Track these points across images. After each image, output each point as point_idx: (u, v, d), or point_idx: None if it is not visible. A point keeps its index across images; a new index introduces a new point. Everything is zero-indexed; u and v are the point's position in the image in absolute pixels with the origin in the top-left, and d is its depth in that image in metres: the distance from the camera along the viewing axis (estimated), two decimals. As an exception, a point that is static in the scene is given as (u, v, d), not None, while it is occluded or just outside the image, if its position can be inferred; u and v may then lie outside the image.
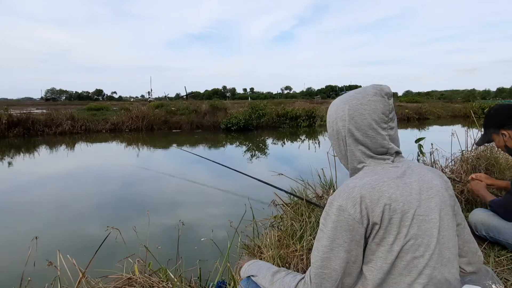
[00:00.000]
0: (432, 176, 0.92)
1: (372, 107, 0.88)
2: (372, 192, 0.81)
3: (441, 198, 0.89)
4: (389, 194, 0.81)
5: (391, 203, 0.80)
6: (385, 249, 0.81)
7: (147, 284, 1.48)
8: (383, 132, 0.89)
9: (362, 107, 0.89)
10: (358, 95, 0.91)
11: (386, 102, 0.90)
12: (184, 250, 1.91)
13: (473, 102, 22.24)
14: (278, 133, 14.15)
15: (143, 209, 4.35)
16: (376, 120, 0.88)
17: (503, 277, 1.51)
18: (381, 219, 0.80)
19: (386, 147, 0.89)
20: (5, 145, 10.64)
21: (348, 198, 0.81)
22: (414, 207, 0.82)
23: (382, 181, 0.83)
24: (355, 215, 0.80)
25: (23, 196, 5.10)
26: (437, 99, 41.23)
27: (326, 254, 0.83)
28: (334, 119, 0.94)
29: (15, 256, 2.94)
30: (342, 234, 0.81)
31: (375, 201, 0.80)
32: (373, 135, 0.88)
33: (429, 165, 3.05)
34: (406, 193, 0.83)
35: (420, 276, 0.81)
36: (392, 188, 0.82)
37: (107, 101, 62.25)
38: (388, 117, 0.90)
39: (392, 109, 0.92)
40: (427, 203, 0.85)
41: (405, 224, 0.80)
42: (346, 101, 0.92)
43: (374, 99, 0.89)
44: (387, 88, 0.91)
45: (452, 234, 0.90)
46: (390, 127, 0.90)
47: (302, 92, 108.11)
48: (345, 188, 0.84)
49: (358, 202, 0.80)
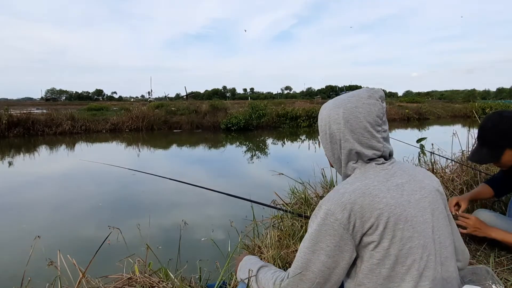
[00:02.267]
0: (424, 176, 0.93)
1: (367, 110, 0.88)
2: (363, 197, 0.80)
3: (434, 198, 0.89)
4: (379, 198, 0.80)
5: (382, 207, 0.80)
6: (381, 254, 0.80)
7: (147, 284, 1.48)
8: (377, 135, 0.89)
9: (357, 110, 0.88)
10: (352, 99, 0.90)
11: (380, 105, 0.90)
12: (185, 250, 1.92)
13: (474, 103, 22.26)
14: (278, 133, 14.16)
15: (143, 209, 4.36)
16: (371, 123, 0.88)
17: (503, 277, 1.51)
18: (374, 224, 0.79)
19: (381, 150, 0.89)
20: (5, 145, 10.65)
21: (337, 203, 0.81)
22: (407, 209, 0.82)
23: (372, 185, 0.83)
24: (342, 220, 0.79)
25: (23, 196, 5.10)
26: (437, 99, 41.30)
27: (307, 256, 0.83)
28: (327, 122, 0.93)
29: (15, 256, 2.95)
30: (325, 238, 0.80)
31: (366, 206, 0.79)
32: (368, 137, 0.88)
33: (430, 165, 3.05)
34: (398, 195, 0.82)
35: (421, 278, 0.80)
36: (383, 191, 0.82)
37: (107, 101, 62.29)
38: (382, 119, 0.90)
39: (385, 111, 0.93)
40: (420, 204, 0.85)
41: (399, 227, 0.79)
42: (340, 105, 0.91)
43: (368, 102, 0.89)
44: (380, 91, 0.92)
45: (447, 232, 0.90)
46: (383, 130, 0.91)
47: (302, 92, 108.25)
48: (335, 193, 0.84)
49: (348, 208, 0.79)
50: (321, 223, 0.82)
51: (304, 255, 0.83)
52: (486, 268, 1.07)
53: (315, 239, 0.82)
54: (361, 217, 0.79)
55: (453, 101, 33.85)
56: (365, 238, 0.81)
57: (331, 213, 0.80)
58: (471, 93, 68.19)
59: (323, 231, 0.81)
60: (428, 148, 3.17)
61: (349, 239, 0.80)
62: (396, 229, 0.79)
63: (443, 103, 29.04)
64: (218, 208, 4.35)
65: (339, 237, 0.80)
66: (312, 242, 0.83)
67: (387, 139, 0.92)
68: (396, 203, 0.81)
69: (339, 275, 0.83)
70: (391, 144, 0.94)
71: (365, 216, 0.79)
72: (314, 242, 0.82)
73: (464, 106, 23.43)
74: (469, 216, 1.67)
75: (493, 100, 36.41)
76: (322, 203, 0.85)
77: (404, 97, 55.88)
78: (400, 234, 0.80)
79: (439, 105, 25.40)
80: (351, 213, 0.79)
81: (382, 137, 0.90)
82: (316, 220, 0.84)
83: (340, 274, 0.83)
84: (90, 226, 3.84)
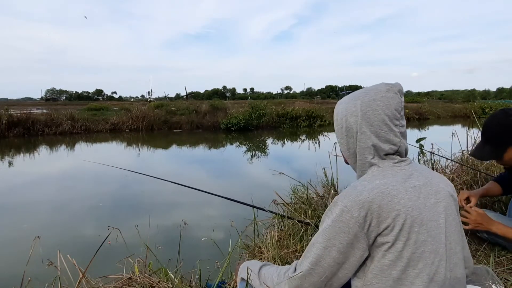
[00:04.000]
0: (439, 180, 0.91)
1: (386, 102, 0.87)
2: (381, 197, 0.79)
3: (448, 203, 0.88)
4: (398, 199, 0.79)
5: (400, 208, 0.79)
6: (394, 255, 0.79)
7: (147, 284, 1.48)
8: (395, 129, 0.87)
9: (375, 103, 0.87)
10: (370, 92, 0.89)
11: (398, 99, 0.89)
12: (185, 250, 1.91)
13: (474, 102, 22.26)
14: (278, 133, 14.16)
15: (143, 209, 4.36)
16: (389, 116, 0.86)
17: (503, 277, 1.51)
18: (390, 225, 0.78)
19: (398, 145, 0.88)
20: (5, 145, 10.65)
21: (354, 200, 0.79)
22: (423, 212, 0.81)
23: (391, 185, 0.81)
24: (358, 219, 0.78)
25: (23, 196, 5.10)
26: (437, 99, 41.27)
27: (319, 251, 0.82)
28: (344, 115, 0.91)
29: (15, 256, 2.95)
30: (339, 235, 0.80)
31: (384, 206, 0.78)
32: (386, 130, 0.86)
33: (430, 165, 3.05)
34: (415, 198, 0.81)
35: (431, 283, 0.79)
36: (401, 192, 0.81)
37: (107, 101, 62.27)
38: (400, 114, 0.89)
39: (403, 106, 0.91)
40: (435, 208, 0.84)
41: (414, 229, 0.79)
42: (358, 98, 0.90)
43: (387, 95, 0.88)
44: (399, 85, 0.91)
45: (459, 238, 0.89)
46: (401, 125, 0.89)
47: (302, 92, 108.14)
48: (353, 190, 0.82)
49: (365, 206, 0.78)
50: (336, 220, 0.81)
51: (316, 250, 0.83)
52: (486, 268, 1.07)
53: (329, 235, 0.81)
54: (378, 217, 0.78)
55: (453, 101, 33.84)
56: (379, 238, 0.80)
57: (347, 210, 0.79)
58: (471, 93, 68.25)
59: (337, 227, 0.80)
60: (428, 148, 3.17)
61: (363, 237, 0.79)
62: (412, 231, 0.78)
63: (443, 103, 29.04)
64: (218, 208, 4.34)
65: (353, 235, 0.79)
66: (325, 238, 0.82)
67: (404, 135, 0.91)
68: (413, 205, 0.80)
69: (348, 271, 0.82)
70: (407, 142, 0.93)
71: (382, 216, 0.78)
72: (327, 237, 0.81)
73: (464, 106, 23.41)
74: (471, 211, 1.64)
75: (493, 100, 36.39)
76: (338, 199, 0.83)
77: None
78: (415, 237, 0.79)
79: (439, 105, 25.40)
80: (368, 212, 0.78)
81: (400, 132, 0.89)
82: (331, 216, 0.83)
83: (349, 270, 0.82)
84: (90, 226, 3.84)
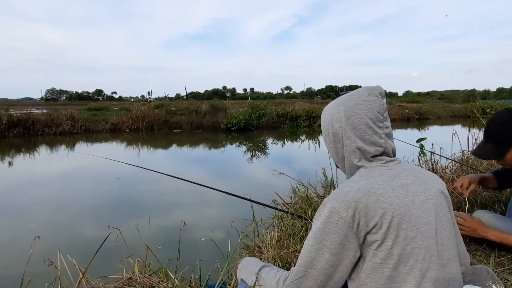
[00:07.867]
0: (429, 177, 0.93)
1: (368, 106, 0.89)
2: (368, 196, 0.80)
3: (438, 200, 0.89)
4: (384, 197, 0.81)
5: (387, 206, 0.80)
6: (384, 253, 0.80)
7: (147, 284, 1.48)
8: (379, 131, 0.90)
9: (357, 107, 0.90)
10: (352, 97, 0.92)
11: (380, 101, 0.91)
12: (185, 250, 1.91)
13: (474, 103, 22.25)
14: (278, 133, 14.16)
15: (143, 209, 4.36)
16: (372, 119, 0.89)
17: (504, 277, 1.51)
18: (378, 223, 0.79)
19: (383, 146, 0.90)
20: (5, 145, 10.65)
21: (341, 201, 0.81)
22: (411, 209, 0.82)
23: (377, 184, 0.83)
24: (346, 219, 0.79)
25: (23, 196, 5.10)
26: (437, 99, 41.29)
27: (312, 254, 0.83)
28: (329, 122, 0.94)
29: (15, 256, 2.95)
30: (330, 236, 0.81)
31: (371, 205, 0.80)
32: (370, 133, 0.89)
33: (430, 165, 3.05)
34: (402, 196, 0.83)
35: (424, 279, 0.80)
36: (388, 191, 0.82)
37: (107, 101, 62.35)
38: (383, 115, 0.91)
39: (386, 108, 0.93)
40: (424, 205, 0.85)
41: (403, 227, 0.80)
42: (341, 103, 0.93)
43: (369, 99, 0.90)
44: (380, 88, 0.93)
45: (451, 235, 0.90)
46: (385, 126, 0.91)
47: (302, 92, 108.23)
48: (340, 191, 0.84)
49: (352, 206, 0.80)
50: (326, 221, 0.82)
51: (308, 253, 0.84)
52: (486, 268, 1.07)
53: (319, 237, 0.82)
54: (366, 216, 0.79)
55: (453, 101, 33.84)
56: (369, 237, 0.81)
57: (335, 211, 0.81)
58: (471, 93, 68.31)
59: (327, 229, 0.81)
60: (428, 148, 3.17)
61: (353, 237, 0.80)
62: (400, 228, 0.80)
63: (443, 103, 29.06)
64: (218, 208, 4.34)
65: (343, 235, 0.80)
66: (316, 240, 0.83)
67: (389, 136, 0.93)
68: (400, 203, 0.81)
69: (343, 273, 0.83)
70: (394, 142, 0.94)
71: (369, 215, 0.79)
72: (319, 240, 0.82)
73: (464, 106, 23.42)
74: (466, 218, 1.63)
75: (493, 100, 36.40)
76: (326, 201, 0.85)
77: (404, 97, 55.89)
78: (403, 234, 0.80)
79: (439, 105, 25.42)
80: (355, 211, 0.79)
81: (384, 133, 0.91)
82: (320, 218, 0.84)
83: (344, 272, 0.83)
84: (90, 226, 3.84)
